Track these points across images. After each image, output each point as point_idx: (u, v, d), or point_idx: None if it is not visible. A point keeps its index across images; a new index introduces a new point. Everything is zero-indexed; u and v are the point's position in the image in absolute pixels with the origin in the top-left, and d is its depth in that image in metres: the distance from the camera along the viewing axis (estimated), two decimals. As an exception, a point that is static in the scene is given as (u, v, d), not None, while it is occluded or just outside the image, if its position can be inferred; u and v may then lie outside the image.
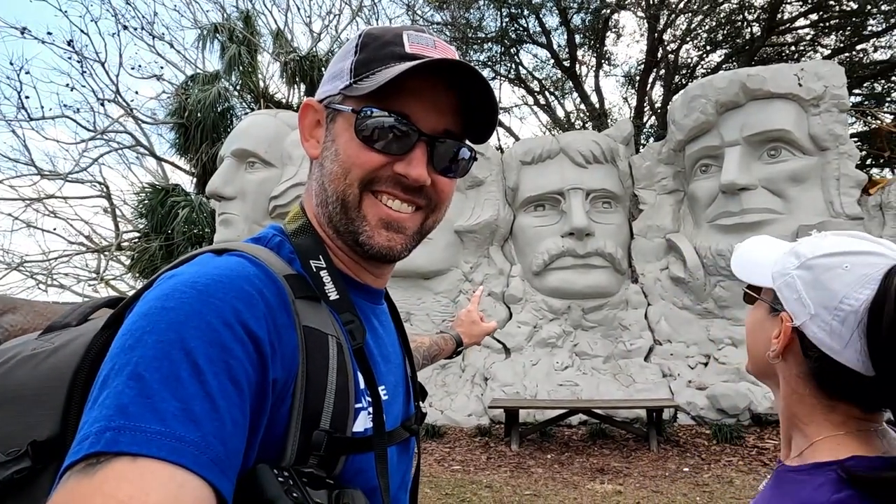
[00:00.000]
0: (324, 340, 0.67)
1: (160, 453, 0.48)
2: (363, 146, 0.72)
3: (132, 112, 14.38)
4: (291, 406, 0.62)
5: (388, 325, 0.87)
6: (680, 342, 7.29)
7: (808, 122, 6.55)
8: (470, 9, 13.27)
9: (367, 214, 0.73)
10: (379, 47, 0.73)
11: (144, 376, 0.51)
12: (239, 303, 0.59)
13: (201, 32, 13.81)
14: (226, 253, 0.67)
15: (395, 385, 0.81)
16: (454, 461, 6.00)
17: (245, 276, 0.62)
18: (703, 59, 14.10)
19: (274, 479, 0.56)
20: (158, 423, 0.49)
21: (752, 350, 0.92)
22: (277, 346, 0.61)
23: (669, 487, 5.04)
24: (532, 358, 7.47)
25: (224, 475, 0.52)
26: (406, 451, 0.83)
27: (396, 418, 0.80)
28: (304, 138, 0.78)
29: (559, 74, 14.97)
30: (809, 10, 12.22)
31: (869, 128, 11.42)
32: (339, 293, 0.72)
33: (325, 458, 0.63)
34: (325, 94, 0.77)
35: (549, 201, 7.60)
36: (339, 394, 0.66)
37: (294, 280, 0.68)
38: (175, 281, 0.60)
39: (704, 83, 7.11)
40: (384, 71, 0.71)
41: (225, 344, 0.55)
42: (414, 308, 7.78)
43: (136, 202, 13.39)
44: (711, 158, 6.99)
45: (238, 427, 0.55)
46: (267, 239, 0.75)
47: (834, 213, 6.48)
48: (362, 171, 0.72)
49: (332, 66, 0.79)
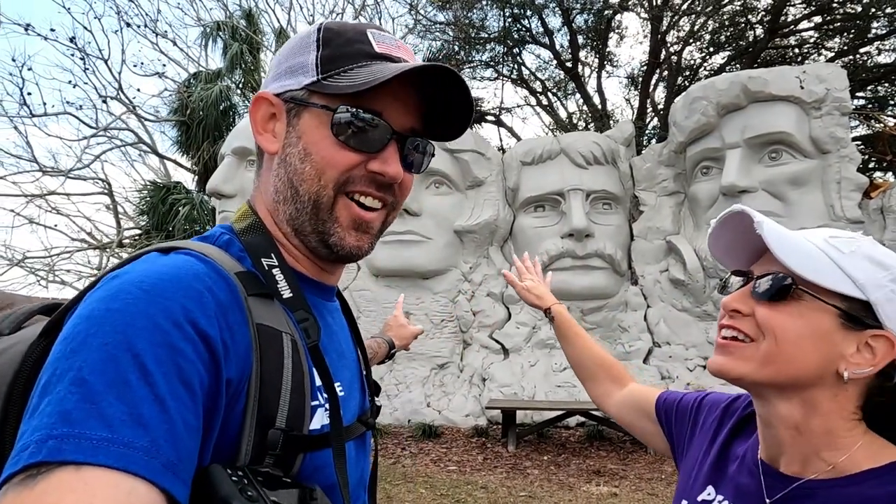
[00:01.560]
0: (278, 338, 0.65)
1: (107, 460, 0.47)
2: (337, 144, 0.71)
3: (134, 109, 14.41)
4: (246, 405, 0.61)
5: (341, 321, 0.86)
6: (679, 344, 7.27)
7: (809, 125, 6.53)
8: (473, 9, 13.25)
9: (340, 216, 0.73)
10: (344, 44, 0.73)
11: (88, 380, 0.50)
12: (188, 301, 0.57)
13: (204, 30, 13.83)
14: (173, 251, 0.66)
15: (351, 381, 0.81)
16: (450, 461, 5.99)
17: (194, 274, 0.61)
18: (706, 60, 14.07)
19: (227, 478, 0.55)
20: (104, 430, 0.48)
21: (792, 360, 0.75)
22: (230, 344, 0.60)
23: (665, 490, 5.02)
24: (530, 359, 7.45)
25: (177, 479, 0.51)
26: (363, 447, 0.83)
27: (353, 413, 0.79)
28: (258, 132, 0.76)
29: (562, 75, 14.94)
30: (813, 12, 12.17)
31: (872, 131, 11.38)
32: (293, 291, 0.71)
33: (282, 457, 0.62)
34: (285, 88, 0.75)
35: (548, 202, 7.59)
36: (295, 392, 0.65)
37: (245, 277, 0.67)
38: (120, 281, 0.58)
39: (706, 85, 7.08)
40: (359, 69, 0.70)
41: (174, 344, 0.54)
42: (413, 308, 7.77)
43: (138, 199, 13.42)
44: (712, 160, 6.97)
45: (190, 429, 0.53)
46: (215, 237, 0.74)
47: (834, 217, 6.45)
48: (338, 171, 0.72)
49: (284, 59, 0.77)
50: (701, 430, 0.97)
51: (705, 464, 0.90)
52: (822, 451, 0.76)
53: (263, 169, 0.79)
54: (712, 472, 0.89)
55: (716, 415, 0.96)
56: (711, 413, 0.97)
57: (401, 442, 6.65)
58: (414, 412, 7.25)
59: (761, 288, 0.78)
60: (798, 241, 0.77)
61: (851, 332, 0.73)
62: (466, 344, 7.81)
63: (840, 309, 0.74)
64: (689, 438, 0.99)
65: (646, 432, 1.13)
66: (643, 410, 1.13)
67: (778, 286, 0.76)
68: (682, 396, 1.06)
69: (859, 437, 0.75)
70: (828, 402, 0.75)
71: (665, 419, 1.06)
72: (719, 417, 0.95)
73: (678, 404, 1.05)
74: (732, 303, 0.81)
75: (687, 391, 1.09)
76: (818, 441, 0.76)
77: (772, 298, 0.76)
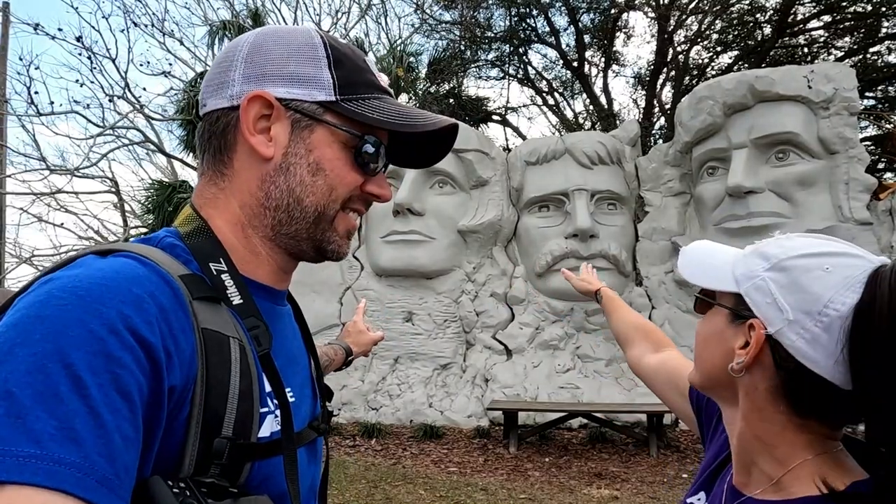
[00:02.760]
0: (224, 343, 0.63)
1: (34, 479, 0.44)
2: (351, 166, 0.76)
3: (141, 108, 14.48)
4: (190, 413, 0.59)
5: (293, 325, 0.84)
6: (684, 346, 7.20)
7: (817, 125, 6.45)
8: (479, 8, 13.20)
9: (338, 227, 0.78)
10: (355, 70, 0.76)
11: (15, 393, 0.47)
12: (126, 307, 0.55)
13: (211, 29, 13.87)
14: (111, 254, 0.63)
15: (302, 386, 0.79)
16: (451, 462, 5.96)
17: (133, 278, 0.58)
18: (713, 60, 13.95)
19: (167, 490, 0.53)
20: (32, 445, 0.45)
21: (704, 362, 0.83)
22: (173, 351, 0.57)
23: (667, 494, 4.97)
24: (533, 360, 7.41)
25: (113, 494, 0.48)
26: (314, 453, 0.81)
27: (304, 419, 0.78)
28: (251, 132, 0.72)
29: (568, 75, 14.88)
30: (822, 11, 12.05)
31: (882, 131, 11.25)
32: (243, 297, 0.69)
33: (228, 466, 0.60)
34: (292, 97, 0.72)
35: (553, 202, 7.54)
36: (242, 398, 0.62)
37: (191, 280, 0.65)
38: (52, 286, 0.55)
39: (712, 84, 7.02)
40: (375, 101, 0.76)
41: (111, 353, 0.51)
42: (416, 308, 7.75)
43: (145, 198, 13.48)
44: (718, 161, 6.90)
45: (129, 442, 0.51)
46: (158, 239, 0.71)
47: (842, 218, 6.37)
48: (347, 190, 0.76)
49: (285, 62, 0.73)
50: (722, 432, 0.95)
51: (709, 469, 0.91)
52: (758, 459, 0.77)
53: (235, 170, 0.75)
54: (709, 479, 0.89)
55: None
56: None
57: (402, 442, 6.63)
58: (416, 412, 7.23)
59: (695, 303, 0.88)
60: (707, 256, 0.85)
61: (738, 326, 0.77)
62: (469, 344, 7.78)
63: (726, 307, 0.80)
64: (711, 433, 0.99)
65: (676, 407, 1.15)
66: (675, 384, 1.13)
67: (697, 300, 0.87)
68: None
69: (801, 454, 0.72)
70: (746, 403, 0.78)
71: (696, 404, 1.06)
72: None
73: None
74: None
75: None
76: (751, 447, 0.78)
77: (701, 311, 0.86)
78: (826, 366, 0.68)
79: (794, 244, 0.75)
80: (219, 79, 0.74)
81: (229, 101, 0.73)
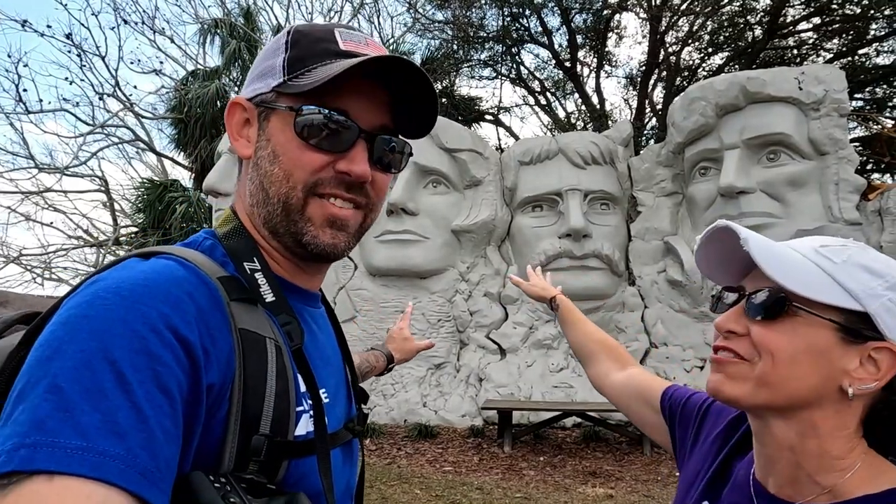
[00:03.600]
0: (261, 343, 0.65)
1: (81, 469, 0.46)
2: (303, 145, 0.71)
3: (132, 106, 14.36)
4: (228, 411, 0.60)
5: (326, 327, 0.85)
6: (676, 345, 7.26)
7: (807, 126, 6.51)
8: (471, 7, 13.22)
9: (313, 216, 0.72)
10: (311, 44, 0.72)
11: (63, 388, 0.49)
12: (167, 307, 0.57)
13: (202, 27, 13.78)
14: (153, 256, 0.65)
15: (336, 387, 0.80)
16: (446, 462, 5.97)
17: (173, 279, 0.60)
18: (704, 61, 14.05)
19: (209, 484, 0.54)
20: (79, 438, 0.47)
21: (791, 380, 0.71)
22: (211, 350, 0.59)
23: (661, 492, 5.01)
24: (527, 359, 7.44)
25: (155, 487, 0.50)
26: (350, 455, 0.81)
27: (339, 420, 0.78)
28: (234, 138, 0.76)
29: (560, 75, 14.92)
30: (812, 13, 12.16)
31: (870, 132, 11.38)
32: (275, 295, 0.70)
33: (266, 463, 0.62)
34: (256, 92, 0.75)
35: (546, 202, 7.57)
36: (279, 397, 0.64)
37: (228, 282, 0.66)
38: (97, 287, 0.57)
39: (704, 85, 7.07)
40: (322, 68, 0.70)
41: (152, 351, 0.53)
42: (409, 307, 7.74)
43: (135, 197, 13.39)
44: (710, 161, 6.96)
45: (169, 436, 0.53)
46: (198, 242, 0.74)
47: (832, 218, 6.44)
48: (305, 173, 0.71)
49: (258, 64, 0.77)
50: (705, 440, 0.94)
51: (705, 478, 0.88)
52: (817, 475, 0.72)
53: (242, 174, 0.79)
54: (710, 488, 0.86)
55: (721, 428, 0.93)
56: (717, 424, 0.94)
57: (396, 442, 6.63)
58: (410, 412, 7.23)
59: (754, 306, 0.74)
60: (787, 254, 0.73)
61: (852, 345, 0.69)
62: (463, 344, 7.79)
63: (838, 323, 0.70)
64: (692, 444, 0.97)
65: (645, 421, 1.10)
66: (644, 398, 1.10)
67: (771, 303, 0.72)
68: (690, 396, 1.03)
69: (858, 458, 0.72)
70: (828, 421, 0.72)
71: (669, 416, 1.03)
72: (724, 432, 0.92)
73: (685, 404, 1.02)
74: (726, 324, 0.77)
75: (695, 390, 1.05)
76: (813, 463, 0.73)
77: (766, 316, 0.73)
78: None
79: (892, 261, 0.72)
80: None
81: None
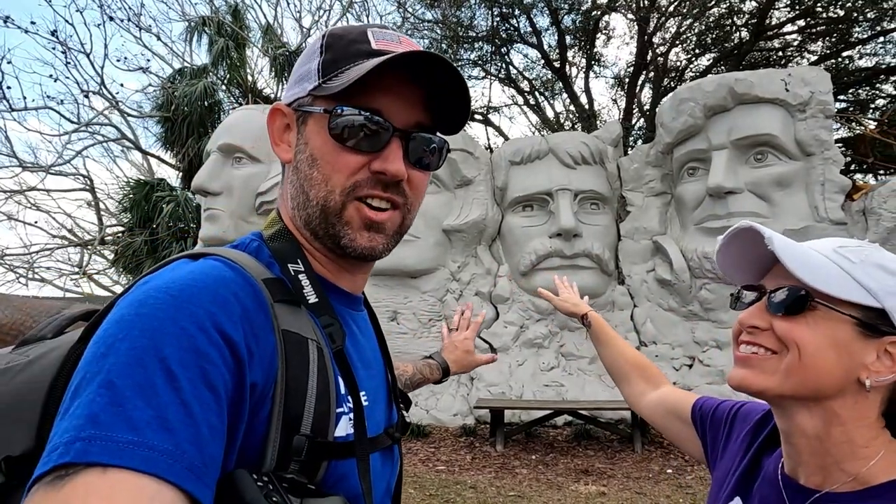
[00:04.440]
0: (303, 344, 0.66)
1: (132, 463, 0.47)
2: (339, 147, 0.72)
3: (117, 105, 14.19)
4: (271, 411, 0.61)
5: (368, 331, 0.85)
6: (665, 344, 7.33)
7: (794, 128, 6.61)
8: (461, 7, 13.24)
9: (350, 219, 0.73)
10: (345, 46, 0.73)
11: (116, 384, 0.50)
12: (214, 307, 0.58)
13: (189, 25, 13.65)
14: (202, 257, 0.67)
15: (376, 391, 0.80)
16: (439, 461, 5.99)
17: (221, 280, 0.62)
18: (691, 62, 14.19)
19: (252, 483, 0.55)
20: (131, 433, 0.49)
21: (814, 371, 0.76)
22: (255, 349, 0.60)
23: (653, 489, 5.06)
24: (518, 358, 7.47)
25: (201, 482, 0.51)
26: (390, 459, 0.82)
27: (378, 424, 0.79)
28: (275, 143, 0.78)
29: (549, 75, 14.99)
30: (797, 16, 12.33)
31: (853, 134, 11.57)
32: (318, 296, 0.71)
33: (307, 463, 0.63)
34: (294, 97, 0.76)
35: (537, 202, 7.60)
36: (320, 398, 0.65)
37: (272, 284, 0.68)
38: (149, 287, 0.59)
39: (693, 86, 7.14)
40: (353, 68, 0.70)
41: (200, 349, 0.55)
42: (401, 307, 7.75)
43: (121, 196, 13.23)
44: (699, 161, 7.03)
45: (215, 433, 0.54)
46: (245, 244, 0.75)
47: (818, 218, 6.54)
48: (343, 176, 0.72)
49: (296, 69, 0.78)
50: (735, 441, 0.99)
51: (735, 475, 0.92)
52: (843, 462, 0.77)
53: (284, 177, 0.81)
54: (741, 484, 0.90)
55: (749, 427, 0.97)
56: (745, 425, 0.99)
57: (389, 441, 6.63)
58: (402, 411, 7.22)
59: (777, 302, 0.79)
60: (809, 253, 0.78)
61: (870, 340, 0.75)
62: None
63: (856, 318, 0.75)
64: (722, 447, 1.01)
65: (680, 436, 1.15)
66: (677, 414, 1.15)
67: (793, 299, 0.77)
68: (719, 404, 1.08)
69: (882, 447, 0.76)
70: (848, 411, 0.76)
71: (700, 425, 1.08)
72: (752, 430, 0.96)
73: (714, 412, 1.07)
74: (750, 319, 0.82)
75: (723, 398, 1.11)
76: (839, 451, 0.77)
77: (788, 312, 0.77)
78: None
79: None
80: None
81: None
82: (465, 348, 1.43)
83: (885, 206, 6.40)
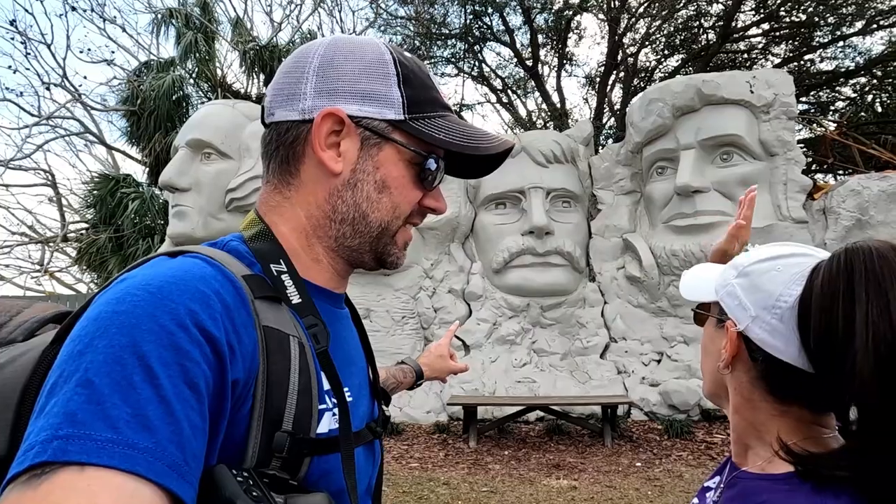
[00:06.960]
0: (285, 340, 0.66)
1: (111, 461, 0.47)
2: (414, 183, 0.78)
3: (80, 97, 13.79)
4: (252, 407, 0.62)
5: (350, 328, 0.87)
6: (634, 340, 7.47)
7: (758, 128, 6.80)
8: (434, 4, 13.22)
9: (399, 240, 0.81)
10: (422, 88, 0.78)
11: (94, 382, 0.50)
12: (194, 304, 0.58)
13: (155, 17, 13.34)
14: (181, 255, 0.66)
15: (359, 387, 0.81)
16: (412, 458, 6.00)
17: (200, 277, 0.61)
18: (660, 63, 14.45)
19: (232, 478, 0.55)
20: (109, 431, 0.48)
21: (707, 369, 0.93)
22: (236, 346, 0.60)
23: (622, 482, 5.16)
24: (491, 355, 7.52)
25: (183, 480, 0.51)
26: (371, 454, 0.83)
27: (361, 420, 0.80)
28: (321, 148, 0.74)
29: (522, 73, 15.09)
30: (762, 19, 12.66)
31: (814, 135, 11.94)
32: (302, 297, 0.71)
33: (289, 459, 0.63)
34: (364, 115, 0.74)
35: (509, 199, 7.66)
36: (302, 394, 0.65)
37: (253, 280, 0.68)
38: (127, 284, 0.58)
39: (662, 87, 7.28)
40: (439, 120, 0.78)
41: (180, 346, 0.54)
42: (374, 304, 7.72)
43: (84, 192, 12.87)
44: (667, 161, 7.17)
45: (197, 430, 0.54)
46: (224, 243, 0.75)
47: (781, 217, 6.74)
48: (409, 206, 0.79)
49: (357, 79, 0.75)
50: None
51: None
52: (751, 442, 0.86)
53: (302, 181, 0.77)
54: (722, 466, 0.97)
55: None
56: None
57: (361, 440, 6.61)
58: (375, 409, 7.20)
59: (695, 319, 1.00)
60: (700, 273, 0.97)
61: (720, 330, 0.89)
62: (427, 341, 7.81)
63: (712, 315, 0.92)
64: None
65: None
66: None
67: (694, 314, 0.98)
68: None
69: (787, 435, 0.80)
70: (735, 396, 0.87)
71: None
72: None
73: None
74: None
75: None
76: (745, 433, 0.87)
77: (700, 324, 0.97)
78: (788, 352, 0.78)
79: (757, 252, 0.87)
80: (289, 90, 0.75)
81: (300, 114, 0.74)
82: (438, 353, 1.46)
83: (844, 205, 6.63)
